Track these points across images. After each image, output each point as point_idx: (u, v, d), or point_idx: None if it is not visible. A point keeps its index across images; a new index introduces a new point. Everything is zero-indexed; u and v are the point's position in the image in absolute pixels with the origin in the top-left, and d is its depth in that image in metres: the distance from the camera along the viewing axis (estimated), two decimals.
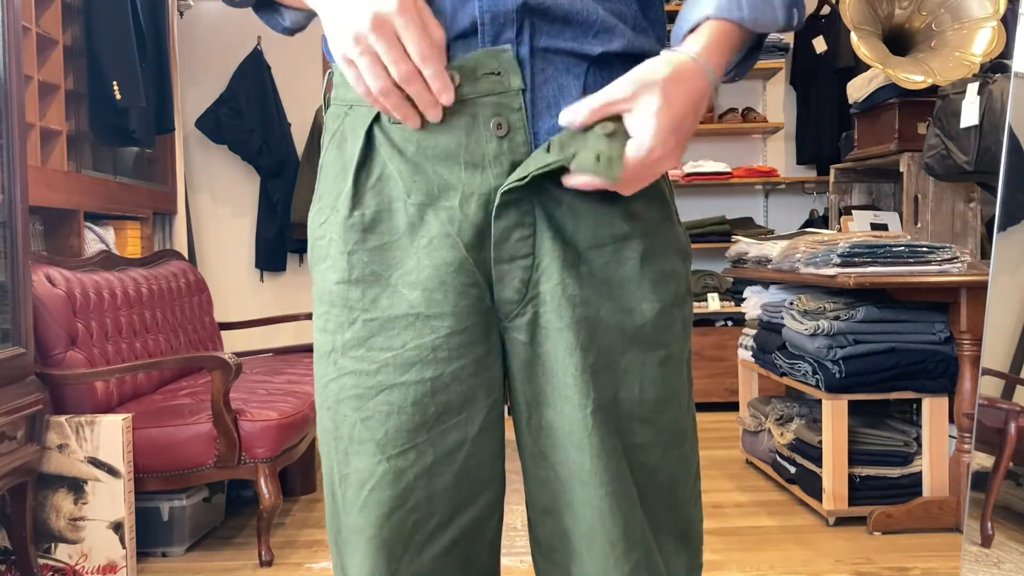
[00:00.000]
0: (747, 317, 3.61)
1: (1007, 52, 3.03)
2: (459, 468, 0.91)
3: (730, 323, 4.78)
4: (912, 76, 3.17)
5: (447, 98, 0.84)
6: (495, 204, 0.86)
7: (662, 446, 0.94)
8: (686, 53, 0.85)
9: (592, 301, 0.90)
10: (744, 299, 3.68)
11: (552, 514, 0.94)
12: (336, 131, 0.94)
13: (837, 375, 2.76)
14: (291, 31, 1.00)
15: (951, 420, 2.80)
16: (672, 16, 0.90)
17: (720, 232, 4.80)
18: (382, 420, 0.90)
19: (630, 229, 0.91)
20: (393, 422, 0.90)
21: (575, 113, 0.84)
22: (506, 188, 0.85)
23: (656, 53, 0.89)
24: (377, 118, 0.89)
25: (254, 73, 4.83)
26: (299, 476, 3.29)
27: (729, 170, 4.86)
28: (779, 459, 3.21)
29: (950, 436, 2.83)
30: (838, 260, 2.71)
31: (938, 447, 2.81)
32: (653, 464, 0.93)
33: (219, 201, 5.04)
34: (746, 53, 0.94)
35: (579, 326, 0.89)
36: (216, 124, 4.79)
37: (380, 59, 0.81)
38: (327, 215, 0.93)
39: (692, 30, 0.88)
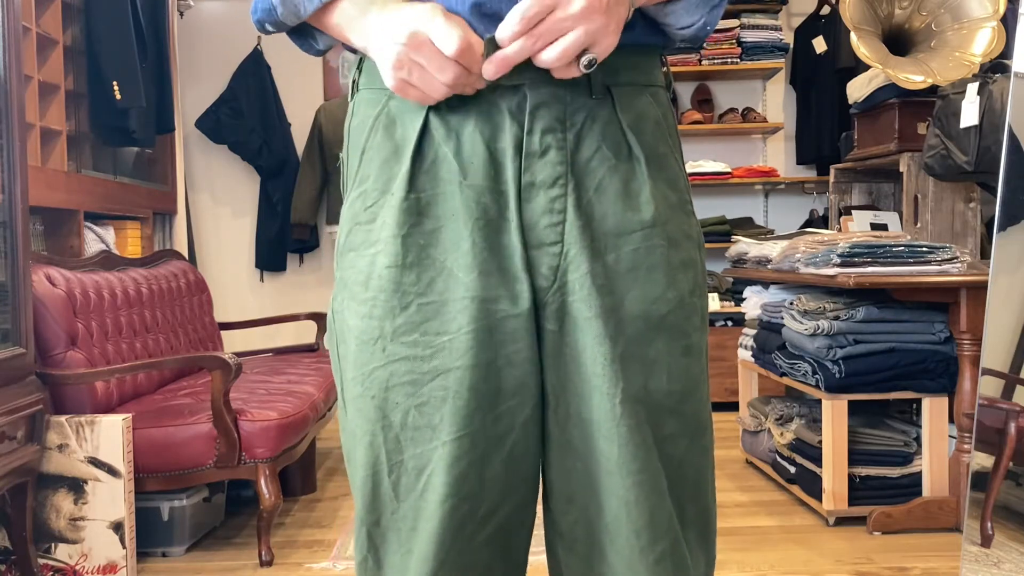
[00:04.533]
0: (747, 317, 3.61)
1: (1007, 52, 3.03)
2: (507, 456, 0.91)
3: (730, 323, 4.78)
4: (912, 76, 3.17)
5: (491, 73, 0.84)
6: (523, 156, 0.88)
7: (687, 437, 0.94)
8: None
9: (618, 290, 0.90)
10: (744, 299, 3.68)
11: (576, 503, 0.94)
12: (379, 115, 0.93)
13: (837, 375, 2.76)
14: (323, 53, 1.00)
15: (951, 420, 2.80)
16: None
17: (720, 232, 4.80)
18: (437, 405, 0.89)
19: (655, 216, 0.91)
20: (449, 407, 0.89)
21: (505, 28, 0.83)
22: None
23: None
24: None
25: (254, 73, 4.83)
26: (299, 476, 3.29)
27: (729, 170, 4.86)
28: (779, 459, 3.21)
29: (950, 436, 2.83)
30: (838, 260, 2.71)
31: (938, 447, 2.80)
32: (680, 456, 0.93)
33: (219, 201, 5.04)
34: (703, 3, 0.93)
35: (608, 315, 0.89)
36: (216, 124, 4.79)
37: (428, 71, 0.83)
38: (375, 198, 0.92)
39: None
